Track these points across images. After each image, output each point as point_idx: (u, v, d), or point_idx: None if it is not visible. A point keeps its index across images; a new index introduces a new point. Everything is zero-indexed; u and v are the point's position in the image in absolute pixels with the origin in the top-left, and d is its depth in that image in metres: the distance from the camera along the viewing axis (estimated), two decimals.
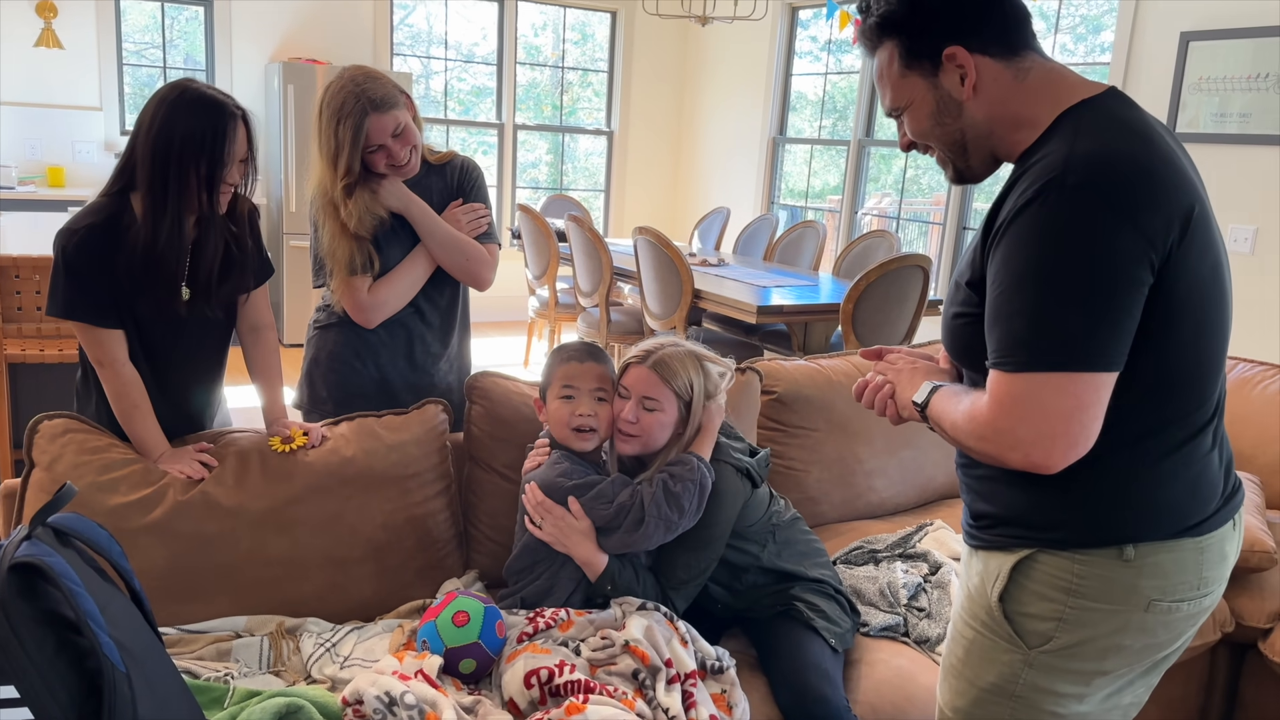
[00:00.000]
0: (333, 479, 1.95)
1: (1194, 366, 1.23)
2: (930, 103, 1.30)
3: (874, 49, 1.33)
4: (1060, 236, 1.13)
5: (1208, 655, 2.41)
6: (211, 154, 1.77)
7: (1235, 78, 4.33)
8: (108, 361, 1.87)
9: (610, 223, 7.96)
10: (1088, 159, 1.15)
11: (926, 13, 1.27)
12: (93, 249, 1.81)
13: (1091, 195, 1.13)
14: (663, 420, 1.86)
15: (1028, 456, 1.17)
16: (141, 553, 1.79)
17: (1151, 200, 1.14)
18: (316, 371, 2.29)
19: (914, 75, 1.30)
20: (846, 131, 6.62)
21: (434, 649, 1.67)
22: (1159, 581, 1.26)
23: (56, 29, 5.70)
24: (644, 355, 1.88)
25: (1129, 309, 1.14)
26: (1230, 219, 4.42)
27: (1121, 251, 1.12)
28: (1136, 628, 1.28)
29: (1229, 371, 2.92)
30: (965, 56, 1.26)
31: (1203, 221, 1.19)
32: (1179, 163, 1.20)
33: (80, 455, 1.84)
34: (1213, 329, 1.23)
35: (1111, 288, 1.13)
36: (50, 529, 1.27)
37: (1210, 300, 1.22)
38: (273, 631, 1.82)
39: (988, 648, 1.36)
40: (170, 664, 1.35)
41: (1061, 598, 1.29)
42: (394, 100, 2.08)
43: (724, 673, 1.75)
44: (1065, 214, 1.13)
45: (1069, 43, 5.38)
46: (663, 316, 4.67)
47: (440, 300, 2.32)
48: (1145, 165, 1.16)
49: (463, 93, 7.40)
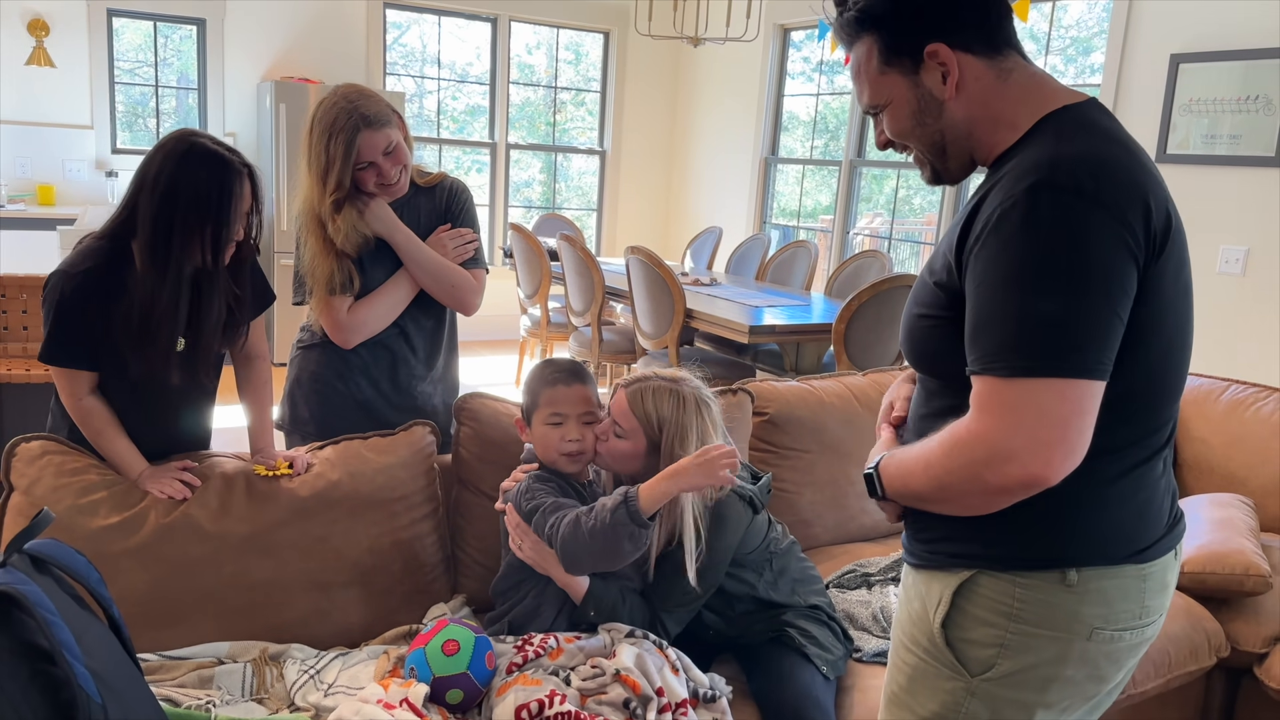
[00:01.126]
0: (318, 502, 1.93)
1: (1159, 387, 1.20)
2: (911, 101, 1.25)
3: (851, 44, 1.27)
4: (1054, 236, 1.08)
5: (1203, 680, 2.39)
6: (218, 215, 1.74)
7: (1225, 99, 4.35)
8: (68, 394, 1.85)
9: (603, 242, 7.96)
10: (1076, 160, 1.11)
11: (909, 7, 1.21)
12: (88, 296, 1.77)
13: (1083, 195, 1.08)
14: (625, 449, 1.81)
15: (1026, 468, 1.08)
16: (122, 576, 1.76)
17: (1139, 206, 1.11)
18: (299, 392, 2.27)
19: (894, 72, 1.24)
20: (838, 151, 6.64)
21: (421, 677, 1.64)
22: (1102, 610, 1.22)
23: (48, 47, 5.69)
24: (630, 380, 1.86)
25: (1122, 315, 1.10)
26: (1221, 240, 4.43)
27: (1115, 253, 1.08)
28: (1078, 657, 1.23)
29: (1221, 394, 2.91)
30: (948, 54, 1.20)
31: (1179, 237, 1.16)
32: (1158, 175, 1.18)
33: (59, 478, 1.81)
34: (1179, 350, 1.20)
35: (1106, 290, 1.08)
36: (26, 556, 1.24)
37: (1179, 320, 1.19)
38: (256, 658, 1.78)
39: (930, 675, 1.31)
40: (148, 693, 1.32)
41: (1003, 622, 1.24)
42: (387, 118, 2.07)
43: (715, 701, 1.73)
44: (1058, 214, 1.08)
45: (1059, 64, 5.40)
46: (655, 336, 4.66)
47: (425, 323, 2.30)
48: (1131, 172, 1.13)
49: (456, 112, 7.41)
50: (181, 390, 1.94)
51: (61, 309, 1.77)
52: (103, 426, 1.86)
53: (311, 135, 2.07)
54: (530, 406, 1.89)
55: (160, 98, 6.31)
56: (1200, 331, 4.52)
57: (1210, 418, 2.90)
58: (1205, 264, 4.50)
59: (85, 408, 1.85)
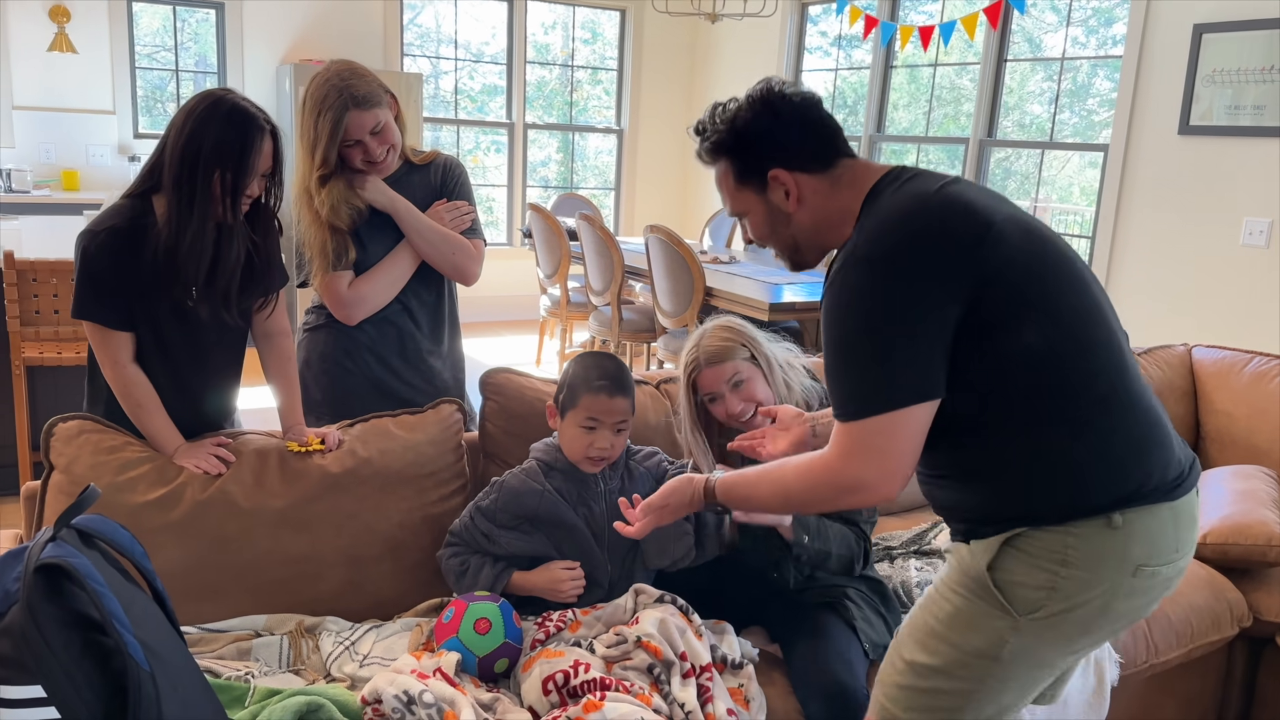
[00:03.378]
0: (350, 479, 1.96)
1: (1078, 345, 1.35)
2: (764, 213, 1.50)
3: (712, 164, 1.52)
4: (855, 301, 1.33)
5: (1225, 650, 2.40)
6: (238, 164, 1.79)
7: (1249, 70, 4.31)
8: (111, 362, 1.89)
9: (620, 221, 7.96)
10: (869, 231, 1.36)
11: (750, 142, 1.46)
12: (113, 251, 1.82)
13: (873, 261, 1.32)
14: (759, 392, 1.93)
15: (876, 492, 1.34)
16: (161, 552, 1.80)
17: (927, 249, 1.31)
18: (309, 374, 2.29)
19: (747, 190, 1.49)
20: (858, 127, 6.61)
21: (467, 661, 1.69)
22: (1146, 547, 1.35)
23: (70, 33, 5.73)
24: (694, 360, 1.94)
25: (933, 343, 1.30)
26: (1246, 213, 4.40)
27: (908, 301, 1.30)
28: (1126, 593, 1.37)
29: (1244, 366, 2.91)
30: (786, 176, 1.45)
31: (1010, 231, 1.34)
32: (964, 198, 1.36)
33: (97, 456, 1.85)
34: (1081, 311, 1.36)
35: (911, 331, 1.30)
36: (74, 531, 1.28)
37: (1059, 286, 1.35)
38: (292, 630, 1.83)
39: (975, 614, 1.40)
40: (193, 663, 1.37)
41: (1055, 568, 1.35)
42: (376, 99, 2.11)
43: (742, 668, 1.76)
44: (856, 281, 1.33)
45: (1080, 35, 5.36)
46: (675, 314, 4.68)
47: (428, 297, 2.33)
48: (918, 221, 1.34)
49: (473, 92, 7.41)
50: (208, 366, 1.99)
51: (88, 263, 1.83)
52: (143, 399, 1.90)
53: (304, 110, 2.12)
54: (567, 403, 1.89)
55: (180, 82, 6.35)
56: (1224, 304, 4.49)
57: (1233, 390, 2.90)
58: (1229, 237, 4.47)
59: (128, 377, 1.89)
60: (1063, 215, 5.66)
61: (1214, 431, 2.93)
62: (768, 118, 1.46)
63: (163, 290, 1.85)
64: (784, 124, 1.46)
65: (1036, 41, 5.60)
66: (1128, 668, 2.11)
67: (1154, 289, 4.80)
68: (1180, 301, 4.69)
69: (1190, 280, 4.65)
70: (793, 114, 1.46)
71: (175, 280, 1.84)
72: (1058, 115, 5.44)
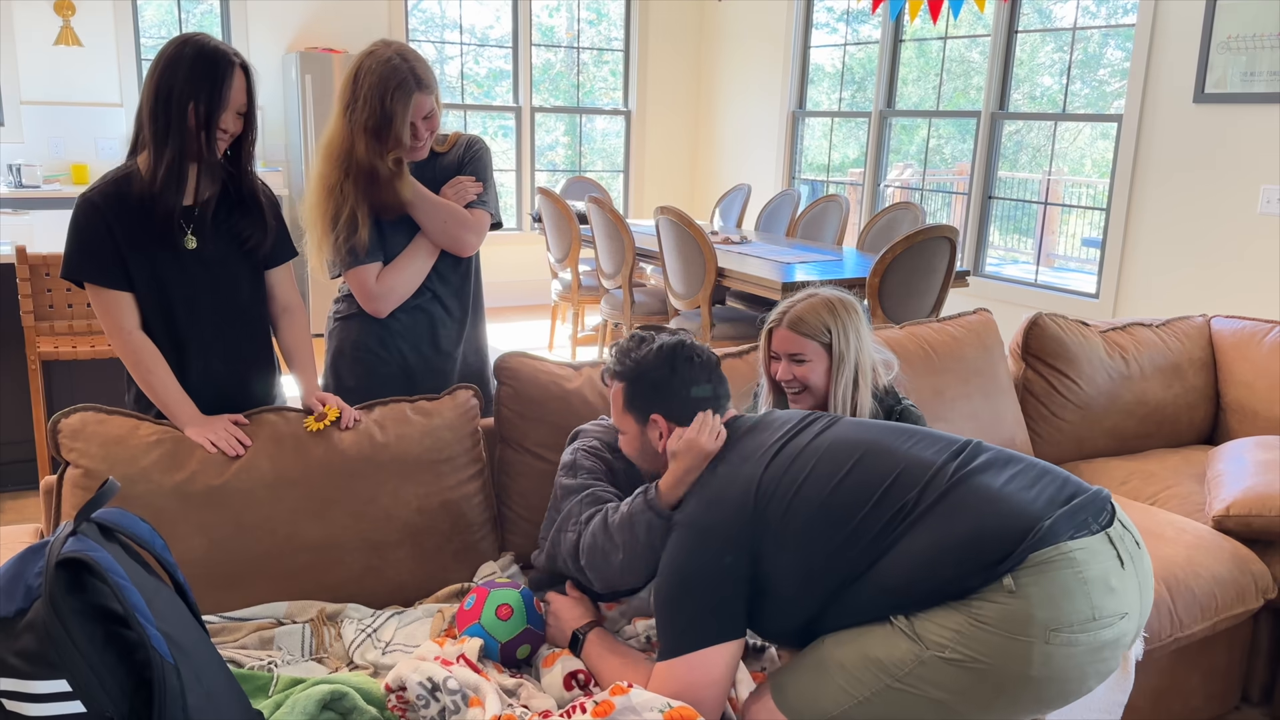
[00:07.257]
0: (367, 464, 1.96)
1: (839, 522, 1.48)
2: (639, 441, 1.75)
3: (609, 384, 1.78)
4: (666, 566, 1.56)
5: (1250, 623, 2.38)
6: (210, 96, 1.83)
7: (1264, 35, 4.25)
8: (115, 329, 1.92)
9: (630, 203, 7.93)
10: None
11: (639, 390, 1.72)
12: (99, 207, 1.88)
13: (681, 532, 1.57)
14: (814, 377, 1.96)
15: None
16: (180, 541, 1.80)
17: (715, 521, 1.54)
18: (342, 362, 2.30)
19: (630, 417, 1.74)
20: (866, 103, 6.55)
21: (489, 647, 1.70)
22: (1050, 612, 1.34)
23: (75, 26, 5.72)
24: (780, 316, 2.00)
25: (726, 594, 1.50)
26: (1262, 180, 4.34)
27: (703, 565, 1.52)
28: (1041, 660, 1.35)
29: (1265, 336, 2.88)
30: (664, 424, 1.70)
31: (780, 468, 1.55)
32: (754, 459, 1.59)
33: (105, 447, 1.85)
34: (834, 493, 1.51)
35: (705, 591, 1.51)
36: (94, 524, 1.28)
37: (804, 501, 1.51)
38: (314, 618, 1.83)
39: (888, 631, 1.43)
40: (216, 655, 1.37)
41: (961, 621, 1.38)
42: (434, 84, 2.12)
43: (764, 652, 1.75)
44: (670, 548, 1.57)
45: (1091, 5, 5.29)
46: (687, 296, 4.66)
47: (453, 280, 2.33)
48: (721, 492, 1.57)
49: (479, 76, 7.38)
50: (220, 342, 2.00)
51: (75, 222, 1.89)
52: (153, 364, 1.93)
53: (360, 85, 2.07)
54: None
55: None
56: (1242, 274, 4.45)
57: (1254, 360, 2.87)
58: (1245, 205, 4.42)
59: (136, 344, 1.92)
60: (1074, 189, 5.60)
61: (1235, 403, 2.90)
62: (666, 370, 1.70)
63: (155, 238, 1.89)
64: (679, 382, 1.69)
65: (1046, 12, 5.53)
66: (1152, 642, 2.09)
67: (1171, 259, 4.76)
68: (1198, 272, 4.65)
69: (1207, 250, 4.60)
70: (688, 375, 1.70)
71: (157, 216, 1.88)
72: (1070, 86, 5.38)
